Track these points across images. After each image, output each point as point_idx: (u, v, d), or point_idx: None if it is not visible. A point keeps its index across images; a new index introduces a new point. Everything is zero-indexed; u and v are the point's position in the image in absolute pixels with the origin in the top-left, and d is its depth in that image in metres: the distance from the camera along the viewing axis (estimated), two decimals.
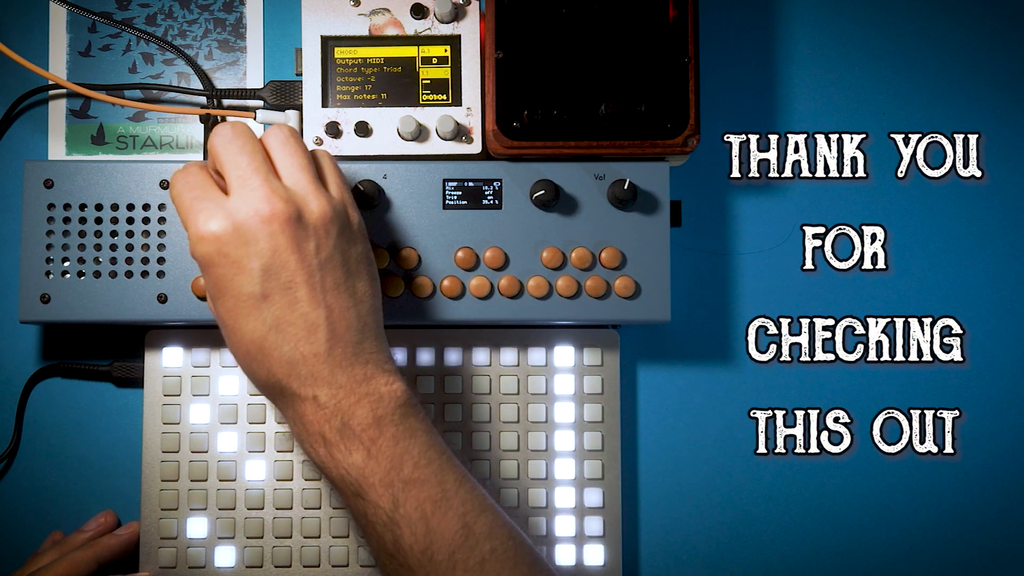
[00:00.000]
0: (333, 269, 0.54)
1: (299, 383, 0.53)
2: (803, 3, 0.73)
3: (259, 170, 0.54)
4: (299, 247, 0.53)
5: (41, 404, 0.70)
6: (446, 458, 0.55)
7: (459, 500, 0.54)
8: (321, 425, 0.53)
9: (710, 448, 0.71)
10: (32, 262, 0.64)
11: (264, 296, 0.53)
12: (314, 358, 0.53)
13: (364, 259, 0.56)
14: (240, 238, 0.52)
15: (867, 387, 0.71)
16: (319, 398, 0.53)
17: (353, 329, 0.54)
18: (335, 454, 0.53)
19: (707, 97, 0.71)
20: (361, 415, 0.53)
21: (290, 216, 0.53)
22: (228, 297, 0.53)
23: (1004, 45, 0.73)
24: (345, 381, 0.53)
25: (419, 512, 0.53)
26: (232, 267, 0.53)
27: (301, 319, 0.53)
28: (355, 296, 0.55)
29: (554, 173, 0.65)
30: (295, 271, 0.53)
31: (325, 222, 0.54)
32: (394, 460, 0.53)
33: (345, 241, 0.55)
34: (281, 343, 0.53)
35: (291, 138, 0.56)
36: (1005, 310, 0.71)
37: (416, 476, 0.53)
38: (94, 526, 0.68)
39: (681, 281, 0.71)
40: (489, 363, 0.68)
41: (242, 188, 0.53)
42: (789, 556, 0.70)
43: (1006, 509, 0.71)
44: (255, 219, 0.52)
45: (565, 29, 0.64)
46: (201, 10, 0.72)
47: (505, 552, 0.54)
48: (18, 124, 0.71)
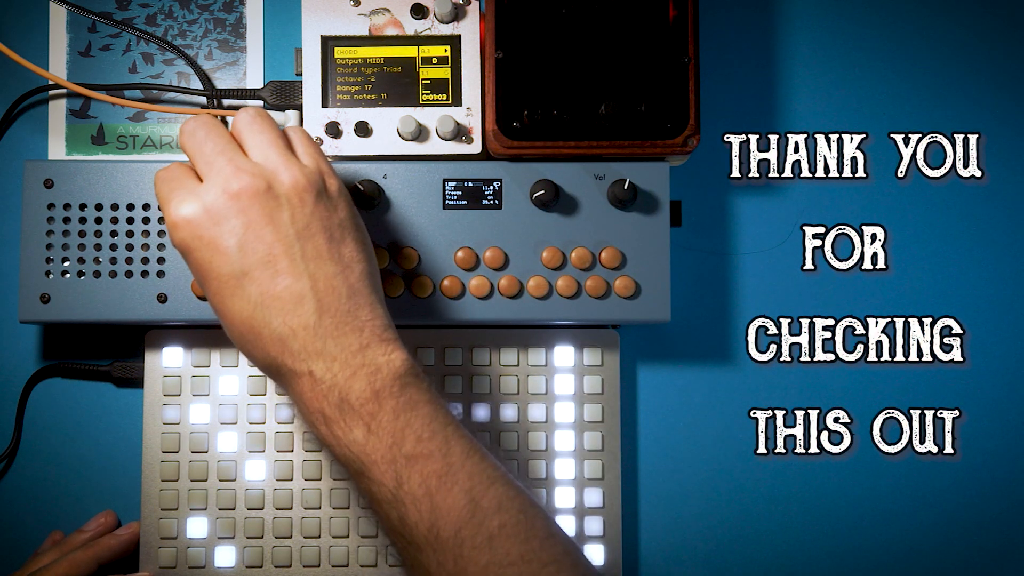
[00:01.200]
0: (313, 237, 0.53)
1: (293, 359, 0.52)
2: (803, 3, 0.73)
3: (224, 151, 0.53)
4: (272, 218, 0.52)
5: (41, 404, 0.70)
6: (451, 430, 0.53)
7: (465, 474, 0.52)
8: (320, 401, 0.52)
9: (710, 448, 0.71)
10: (32, 262, 0.64)
11: (244, 273, 0.52)
12: (304, 331, 0.52)
13: (349, 224, 0.55)
14: (212, 218, 0.52)
15: (867, 387, 0.71)
16: (314, 373, 0.52)
17: (342, 297, 0.53)
18: (336, 431, 0.52)
19: (707, 97, 0.71)
20: (359, 389, 0.51)
21: (258, 189, 0.52)
22: (211, 280, 0.53)
23: (1004, 45, 0.73)
24: (338, 352, 0.52)
25: (423, 488, 0.51)
26: (209, 249, 0.52)
27: (286, 292, 0.52)
28: (341, 262, 0.53)
29: (554, 173, 0.65)
30: (272, 243, 0.52)
31: (298, 190, 0.53)
32: (395, 435, 0.51)
33: (324, 208, 0.54)
34: (269, 319, 0.52)
35: (257, 117, 0.56)
36: (1005, 310, 0.71)
37: (419, 451, 0.51)
38: (94, 526, 0.68)
39: (681, 281, 0.71)
40: (489, 363, 0.68)
41: (209, 171, 0.53)
42: (789, 556, 0.70)
43: (1006, 509, 0.71)
44: (223, 197, 0.52)
45: (565, 29, 0.64)
46: (201, 10, 0.72)
47: (516, 526, 0.52)
48: (18, 124, 0.71)
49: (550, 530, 0.53)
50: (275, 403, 0.68)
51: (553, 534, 0.53)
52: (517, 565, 0.51)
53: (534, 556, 0.51)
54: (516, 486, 0.54)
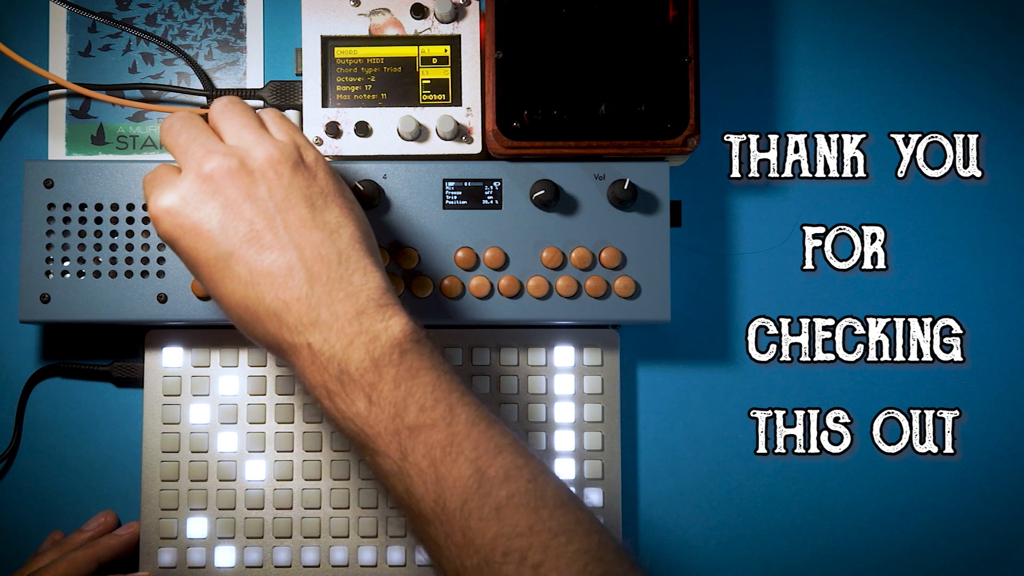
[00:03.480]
0: (294, 207, 0.53)
1: (290, 333, 0.51)
2: (803, 3, 0.73)
3: (196, 139, 0.54)
4: (249, 194, 0.52)
5: (41, 404, 0.70)
6: (456, 397, 0.51)
7: (471, 443, 0.50)
8: (321, 374, 0.51)
9: (710, 448, 0.71)
10: (32, 262, 0.64)
11: (230, 254, 0.52)
12: (297, 302, 0.51)
13: (332, 190, 0.55)
14: (189, 204, 0.52)
15: (867, 387, 0.71)
16: (312, 345, 0.51)
17: (332, 264, 0.52)
18: (339, 405, 0.51)
19: (707, 97, 0.71)
20: (357, 358, 0.50)
21: (231, 168, 0.52)
22: (201, 267, 0.53)
23: (1004, 45, 0.73)
24: (333, 321, 0.51)
25: (428, 460, 0.50)
26: (192, 235, 0.52)
27: (273, 265, 0.51)
28: (327, 229, 0.53)
29: (554, 173, 0.65)
30: (252, 219, 0.52)
31: (273, 163, 0.53)
32: (397, 405, 0.50)
33: (303, 178, 0.54)
34: (262, 295, 0.51)
35: (230, 104, 0.56)
36: (1005, 310, 0.71)
37: (422, 421, 0.50)
38: (94, 526, 0.68)
39: (681, 281, 0.71)
40: (489, 363, 0.68)
41: (185, 161, 0.53)
42: (789, 556, 0.70)
43: (1006, 509, 0.71)
44: (197, 182, 0.52)
45: (565, 29, 0.64)
46: (201, 10, 0.72)
47: (525, 495, 0.50)
48: (18, 124, 0.71)
49: (561, 498, 0.51)
50: (275, 403, 0.68)
51: (565, 502, 0.51)
52: (526, 536, 0.49)
53: (543, 526, 0.50)
54: (525, 453, 0.52)
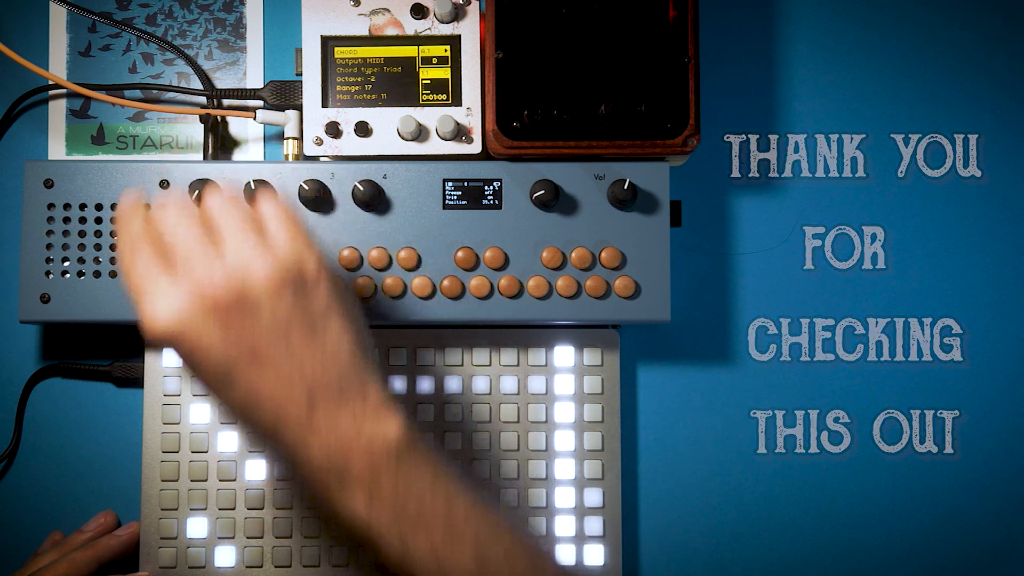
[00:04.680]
0: (296, 328, 0.52)
1: (287, 446, 0.52)
2: (803, 3, 0.73)
3: (195, 249, 0.52)
4: (251, 318, 0.51)
5: (41, 404, 0.70)
6: (453, 490, 0.53)
7: (471, 533, 0.52)
8: (321, 478, 0.52)
9: (710, 448, 0.71)
10: (32, 262, 0.64)
11: (229, 371, 0.51)
12: (296, 421, 0.51)
13: (332, 305, 0.54)
14: (188, 326, 0.51)
15: (867, 387, 0.71)
16: (313, 459, 0.52)
17: (332, 387, 0.52)
18: (337, 505, 0.52)
19: (707, 97, 0.71)
20: (357, 468, 0.51)
21: (233, 292, 0.51)
22: (199, 372, 0.52)
23: (1004, 45, 0.73)
24: (334, 439, 0.52)
25: (431, 553, 0.52)
26: (189, 349, 0.51)
27: (274, 387, 0.51)
28: (326, 348, 0.53)
29: (554, 173, 0.65)
30: (253, 341, 0.51)
31: (276, 286, 0.52)
32: (397, 505, 0.52)
33: (303, 298, 0.53)
34: (262, 411, 0.52)
35: (229, 203, 0.54)
36: (1005, 310, 0.71)
37: (422, 516, 0.52)
38: (94, 526, 0.68)
39: (681, 281, 0.71)
40: (489, 363, 0.68)
41: (183, 268, 0.52)
42: (789, 556, 0.70)
43: (1006, 509, 0.71)
44: (197, 302, 0.51)
45: (565, 29, 0.64)
46: (201, 10, 0.72)
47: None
48: (18, 124, 0.71)
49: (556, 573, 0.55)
50: None
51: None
52: None
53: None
54: (522, 537, 0.54)
